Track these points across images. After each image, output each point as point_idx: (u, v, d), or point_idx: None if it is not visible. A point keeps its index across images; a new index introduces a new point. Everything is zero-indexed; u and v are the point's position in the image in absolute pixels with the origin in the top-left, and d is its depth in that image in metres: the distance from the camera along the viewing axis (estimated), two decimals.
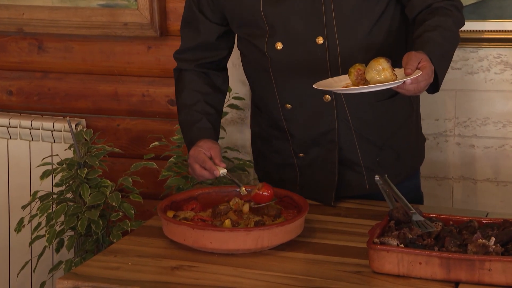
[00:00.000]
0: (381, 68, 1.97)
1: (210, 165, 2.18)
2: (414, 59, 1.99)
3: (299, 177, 2.36)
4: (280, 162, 2.40)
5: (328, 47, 2.20)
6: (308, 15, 2.20)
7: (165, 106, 3.25)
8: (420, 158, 2.49)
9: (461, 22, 2.23)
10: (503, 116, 2.89)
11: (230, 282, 1.82)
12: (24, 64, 3.38)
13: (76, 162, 2.89)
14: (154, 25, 3.15)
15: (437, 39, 2.09)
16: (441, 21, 2.14)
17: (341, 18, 2.19)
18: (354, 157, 2.29)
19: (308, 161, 2.33)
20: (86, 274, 1.86)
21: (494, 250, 1.78)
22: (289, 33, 2.23)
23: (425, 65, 1.99)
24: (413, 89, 1.98)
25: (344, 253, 1.97)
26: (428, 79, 2.00)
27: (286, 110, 2.30)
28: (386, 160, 2.31)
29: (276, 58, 2.25)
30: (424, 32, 2.11)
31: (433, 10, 2.18)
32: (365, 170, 2.30)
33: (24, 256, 3.26)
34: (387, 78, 1.96)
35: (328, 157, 2.30)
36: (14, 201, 3.32)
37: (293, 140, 2.33)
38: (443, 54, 2.11)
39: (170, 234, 2.01)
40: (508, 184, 2.94)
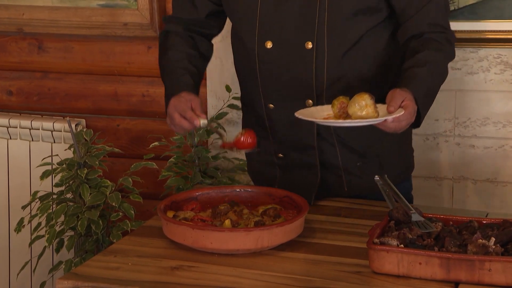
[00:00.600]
0: (364, 104, 1.98)
1: (190, 115, 2.15)
2: (397, 97, 2.01)
3: (280, 174, 2.37)
4: (262, 160, 2.41)
5: (316, 53, 2.20)
6: (301, 18, 2.21)
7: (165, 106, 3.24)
8: (406, 169, 2.43)
9: (452, 57, 2.25)
10: (503, 117, 2.89)
11: (230, 282, 1.82)
12: (24, 64, 3.38)
13: (76, 162, 2.89)
14: (154, 25, 3.15)
15: (425, 76, 2.11)
16: (431, 56, 2.15)
17: (333, 26, 2.19)
18: (334, 160, 2.29)
19: (287, 161, 2.34)
20: (86, 274, 1.86)
21: (494, 250, 1.78)
22: (280, 34, 2.23)
23: (407, 104, 2.00)
24: (394, 127, 2.01)
25: (344, 253, 1.97)
26: (410, 119, 2.02)
27: (269, 109, 2.29)
28: (367, 165, 2.30)
29: (264, 57, 2.25)
30: (412, 66, 2.13)
31: (425, 41, 2.19)
32: (344, 173, 2.30)
33: (24, 256, 3.26)
34: (369, 115, 1.98)
35: (307, 160, 2.30)
36: (14, 201, 3.32)
37: (275, 141, 2.33)
38: (428, 92, 2.13)
39: (170, 234, 2.01)
40: (508, 184, 2.94)
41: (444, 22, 2.23)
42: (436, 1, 2.21)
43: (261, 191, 2.22)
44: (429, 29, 2.19)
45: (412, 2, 2.20)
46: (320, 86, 2.22)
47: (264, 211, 2.11)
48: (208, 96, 3.17)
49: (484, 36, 2.85)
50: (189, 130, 2.20)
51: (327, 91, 2.22)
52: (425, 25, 2.19)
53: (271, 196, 2.20)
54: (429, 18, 2.20)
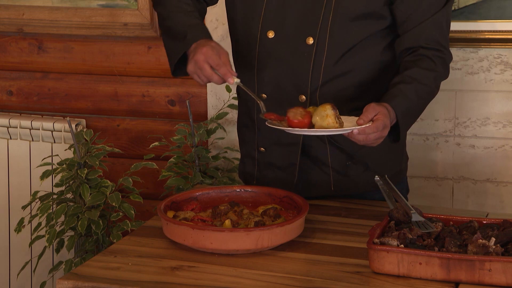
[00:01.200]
0: (325, 114, 2.01)
1: (224, 71, 2.10)
2: (371, 111, 2.02)
3: (257, 172, 2.37)
4: (244, 152, 2.41)
5: (316, 50, 2.21)
6: (306, 14, 2.21)
7: (165, 107, 3.25)
8: (396, 173, 2.39)
9: (444, 77, 2.25)
10: (503, 117, 2.89)
11: (230, 283, 1.82)
12: (24, 64, 3.38)
13: (76, 162, 2.89)
14: (154, 25, 3.15)
15: (409, 94, 2.12)
16: (420, 74, 2.16)
17: (336, 26, 2.19)
18: (323, 157, 2.29)
19: (267, 157, 2.33)
20: (86, 274, 1.86)
21: (494, 250, 1.78)
22: (283, 25, 2.23)
23: (378, 118, 2.01)
24: (362, 139, 2.01)
25: (344, 253, 1.97)
26: (379, 133, 2.02)
27: (261, 99, 2.28)
28: (355, 167, 2.30)
29: (264, 46, 2.25)
30: (399, 83, 2.14)
31: (418, 57, 2.19)
32: (333, 171, 2.30)
33: (24, 256, 3.26)
34: (329, 125, 2.00)
35: (288, 157, 2.30)
36: (14, 201, 3.32)
37: (259, 133, 2.33)
38: (410, 109, 2.14)
39: (170, 235, 2.01)
40: (508, 185, 2.94)
41: (443, 41, 2.23)
42: (437, 19, 2.21)
43: (261, 191, 2.22)
44: (426, 44, 2.20)
45: (413, 15, 2.20)
46: (315, 83, 2.22)
47: (264, 211, 2.11)
48: (208, 96, 3.17)
49: (484, 36, 2.85)
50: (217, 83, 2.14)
51: (321, 89, 2.22)
52: (422, 40, 2.20)
53: (271, 196, 2.20)
54: (427, 34, 2.20)
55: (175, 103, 3.23)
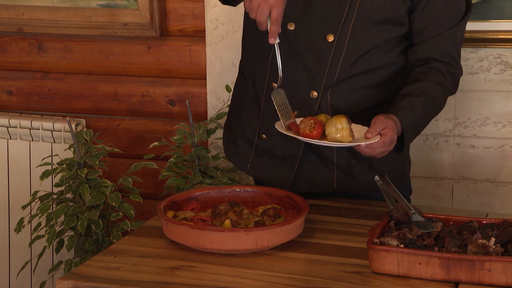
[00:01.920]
0: (340, 127, 2.03)
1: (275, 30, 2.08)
2: (379, 124, 2.04)
3: (253, 156, 2.36)
4: (240, 134, 2.39)
5: (335, 48, 2.20)
6: (330, 11, 2.20)
7: (165, 106, 3.25)
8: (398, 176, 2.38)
9: (451, 93, 2.27)
10: (503, 117, 2.90)
11: (230, 282, 1.82)
12: (24, 64, 3.38)
13: (76, 162, 2.89)
14: (154, 25, 3.15)
15: (417, 107, 2.15)
16: (429, 87, 2.18)
17: (358, 28, 2.19)
18: (329, 154, 2.29)
19: (268, 145, 2.32)
20: (86, 274, 1.86)
21: (494, 250, 1.78)
22: (305, 19, 2.22)
23: (386, 133, 2.03)
24: (368, 152, 2.05)
25: (344, 253, 1.97)
26: (385, 147, 2.05)
27: (271, 88, 2.27)
28: (359, 166, 2.30)
29: (284, 37, 2.23)
30: (408, 95, 2.16)
31: (429, 69, 2.21)
32: (337, 169, 2.30)
33: (24, 256, 3.26)
34: (343, 138, 2.03)
35: (289, 149, 2.29)
36: (14, 201, 3.32)
37: (264, 119, 2.32)
38: (417, 122, 2.17)
39: (170, 234, 2.01)
40: (508, 185, 2.94)
41: (456, 55, 2.25)
42: (453, 32, 2.23)
43: (261, 191, 2.22)
44: (439, 57, 2.22)
45: (430, 27, 2.22)
46: (329, 81, 2.21)
47: (264, 211, 2.11)
48: (208, 96, 3.17)
49: (484, 36, 2.85)
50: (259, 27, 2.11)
51: (334, 87, 2.21)
52: (436, 52, 2.22)
53: (271, 196, 2.20)
54: (442, 47, 2.22)
55: (175, 103, 3.23)
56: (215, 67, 3.13)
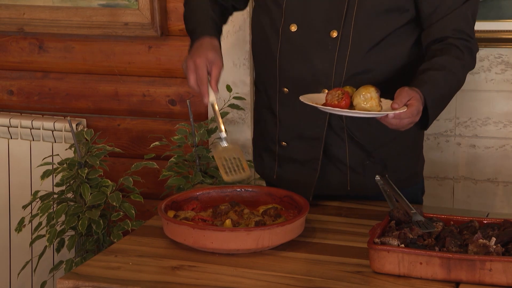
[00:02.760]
0: (369, 97, 2.00)
1: (204, 90, 2.12)
2: (404, 95, 2.01)
3: (277, 167, 2.36)
4: (262, 146, 2.39)
5: (340, 43, 2.20)
6: (330, 6, 2.20)
7: (165, 106, 3.25)
8: (411, 176, 2.39)
9: (471, 67, 2.23)
10: (503, 116, 2.90)
11: (230, 282, 1.82)
12: (25, 64, 3.38)
13: (76, 162, 2.89)
14: (155, 25, 3.15)
15: (439, 81, 2.10)
16: (449, 62, 2.14)
17: (361, 20, 2.18)
18: (341, 155, 2.27)
19: (289, 152, 2.32)
20: (87, 274, 1.86)
21: (494, 250, 1.78)
22: (306, 18, 2.22)
23: (412, 104, 2.00)
24: (395, 123, 2.01)
25: (344, 253, 1.97)
26: (412, 118, 2.01)
27: (283, 93, 2.27)
28: (373, 166, 2.29)
29: (287, 40, 2.24)
30: (428, 69, 2.12)
31: (446, 46, 2.18)
32: (350, 170, 2.28)
33: (24, 256, 3.26)
34: (372, 107, 1.99)
35: (310, 152, 2.28)
36: (15, 201, 3.32)
37: (281, 126, 2.31)
38: (440, 97, 2.12)
39: (171, 234, 2.01)
40: (509, 184, 2.94)
41: (469, 31, 2.23)
42: (463, 9, 2.21)
43: (262, 191, 2.22)
44: (453, 35, 2.19)
45: (440, 8, 2.20)
46: (339, 78, 2.20)
47: (265, 211, 2.11)
48: None
49: (485, 36, 2.85)
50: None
51: (344, 84, 2.20)
52: (449, 30, 2.19)
53: (272, 196, 2.20)
54: (454, 24, 2.19)
55: (176, 103, 3.24)
56: None
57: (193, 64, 2.15)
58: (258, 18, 2.33)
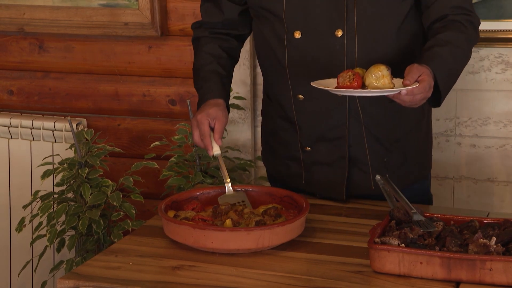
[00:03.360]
0: (381, 75, 1.99)
1: (207, 143, 2.18)
2: (415, 71, 2.00)
3: (304, 172, 2.35)
4: (285, 155, 2.38)
5: (346, 41, 2.19)
6: (329, 6, 2.20)
7: (165, 106, 3.25)
8: (424, 168, 2.41)
9: (475, 40, 2.22)
10: (504, 116, 2.90)
11: (230, 282, 1.82)
12: (25, 64, 3.38)
13: (77, 161, 2.89)
14: (155, 25, 3.15)
15: (445, 56, 2.10)
16: (453, 36, 2.14)
17: (362, 14, 2.18)
18: (362, 155, 2.28)
19: (314, 156, 2.31)
20: (87, 273, 1.86)
21: (495, 250, 1.78)
22: (308, 23, 2.22)
23: (424, 79, 2.00)
24: (408, 100, 2.00)
25: (345, 253, 1.97)
26: (425, 93, 2.01)
27: (298, 101, 2.28)
28: (393, 161, 2.29)
29: (293, 47, 2.24)
30: (433, 46, 2.12)
31: (448, 22, 2.18)
32: (372, 169, 2.29)
33: (25, 255, 3.26)
34: (385, 85, 1.98)
35: (336, 152, 2.28)
36: (15, 201, 3.32)
37: (301, 133, 2.31)
38: (449, 72, 2.11)
39: (171, 234, 2.01)
40: (509, 184, 2.94)
41: (468, 5, 2.22)
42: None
43: (262, 190, 2.22)
44: (453, 12, 2.18)
45: None
46: None
47: (265, 211, 2.11)
48: None
49: (485, 36, 2.85)
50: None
51: None
52: (448, 8, 2.19)
53: (272, 195, 2.20)
54: (452, 2, 2.19)
55: (176, 103, 3.23)
56: None
57: (195, 121, 2.22)
58: (259, 30, 2.33)
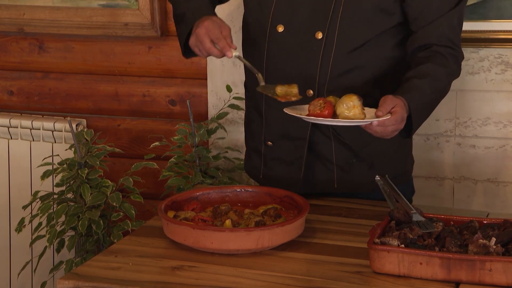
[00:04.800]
0: (352, 105, 2.00)
1: (223, 44, 2.12)
2: (389, 103, 2.02)
3: (263, 166, 2.36)
4: (251, 146, 2.41)
5: (324, 44, 2.20)
6: (316, 8, 2.21)
7: (165, 106, 3.25)
8: (401, 175, 2.39)
9: (455, 75, 2.24)
10: (503, 117, 2.89)
11: (230, 282, 1.82)
12: (25, 64, 3.38)
13: (76, 162, 2.89)
14: (155, 25, 3.15)
15: (423, 89, 2.11)
16: (434, 70, 2.15)
17: (346, 22, 2.19)
18: (327, 153, 2.28)
19: (274, 152, 2.33)
20: (87, 274, 1.86)
21: (494, 250, 1.78)
22: (292, 19, 2.23)
23: (396, 111, 2.01)
24: (380, 131, 2.01)
25: (344, 253, 1.97)
26: (397, 125, 2.02)
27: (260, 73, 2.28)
28: (359, 165, 2.29)
29: (274, 40, 2.25)
30: (413, 77, 2.13)
31: (431, 53, 2.18)
32: (337, 168, 2.29)
33: (24, 256, 3.26)
34: (355, 116, 2.00)
35: (295, 151, 2.29)
36: (15, 201, 3.32)
37: (267, 126, 2.33)
38: (424, 104, 2.13)
39: (171, 234, 2.01)
40: (509, 185, 2.94)
41: (455, 39, 2.22)
42: (449, 17, 2.20)
43: (262, 191, 2.22)
44: (438, 42, 2.19)
45: (426, 13, 2.19)
46: (323, 78, 2.21)
47: (265, 211, 2.11)
48: (209, 96, 3.17)
49: (485, 36, 2.85)
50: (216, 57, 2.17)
51: (329, 85, 2.22)
52: (434, 37, 2.19)
53: (272, 196, 2.20)
54: (439, 31, 2.19)
55: (176, 103, 3.23)
56: (216, 67, 3.13)
57: (204, 28, 2.14)
58: (247, 20, 2.36)
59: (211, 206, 2.16)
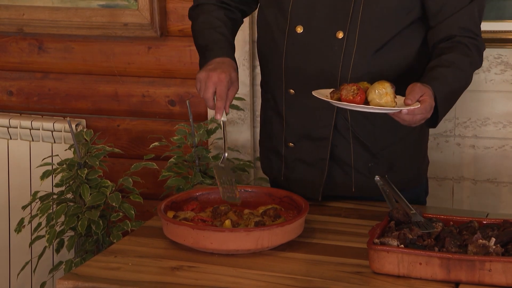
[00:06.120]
0: (384, 92, 1.98)
1: (221, 105, 2.12)
2: (417, 91, 2.00)
3: (284, 168, 2.35)
4: (269, 148, 2.39)
5: (345, 44, 2.19)
6: (336, 7, 2.19)
7: (165, 107, 3.25)
8: (415, 177, 2.38)
9: (478, 65, 2.23)
10: (503, 117, 2.90)
11: (230, 283, 1.82)
12: (24, 65, 3.38)
13: (76, 162, 2.89)
14: (154, 25, 3.15)
15: (448, 77, 2.10)
16: (458, 59, 2.14)
17: (367, 21, 2.18)
18: (346, 157, 2.27)
19: (296, 153, 2.31)
20: (86, 274, 1.86)
21: (494, 250, 1.78)
22: (312, 19, 2.22)
23: (425, 99, 2.00)
24: (408, 119, 2.00)
25: (344, 253, 1.97)
26: (425, 114, 2.01)
27: (289, 95, 2.27)
28: (377, 168, 2.28)
29: (293, 41, 2.24)
30: (437, 66, 2.12)
31: (454, 44, 2.18)
32: (354, 172, 2.28)
33: (24, 256, 3.26)
34: (387, 103, 1.97)
35: (318, 152, 2.28)
36: (14, 202, 3.32)
37: (287, 128, 2.31)
38: (450, 94, 2.11)
39: (170, 235, 2.01)
40: (509, 185, 2.94)
41: (476, 29, 2.22)
42: (470, 8, 2.20)
43: (261, 191, 2.22)
44: (460, 33, 2.18)
45: (447, 6, 2.19)
46: (344, 79, 2.19)
47: (264, 211, 2.11)
48: None
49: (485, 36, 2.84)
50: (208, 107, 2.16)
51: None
52: (456, 29, 2.18)
53: (271, 196, 2.20)
54: (461, 23, 2.19)
55: (175, 103, 3.24)
56: None
57: (217, 77, 2.14)
58: (265, 19, 2.33)
59: (211, 206, 2.16)
